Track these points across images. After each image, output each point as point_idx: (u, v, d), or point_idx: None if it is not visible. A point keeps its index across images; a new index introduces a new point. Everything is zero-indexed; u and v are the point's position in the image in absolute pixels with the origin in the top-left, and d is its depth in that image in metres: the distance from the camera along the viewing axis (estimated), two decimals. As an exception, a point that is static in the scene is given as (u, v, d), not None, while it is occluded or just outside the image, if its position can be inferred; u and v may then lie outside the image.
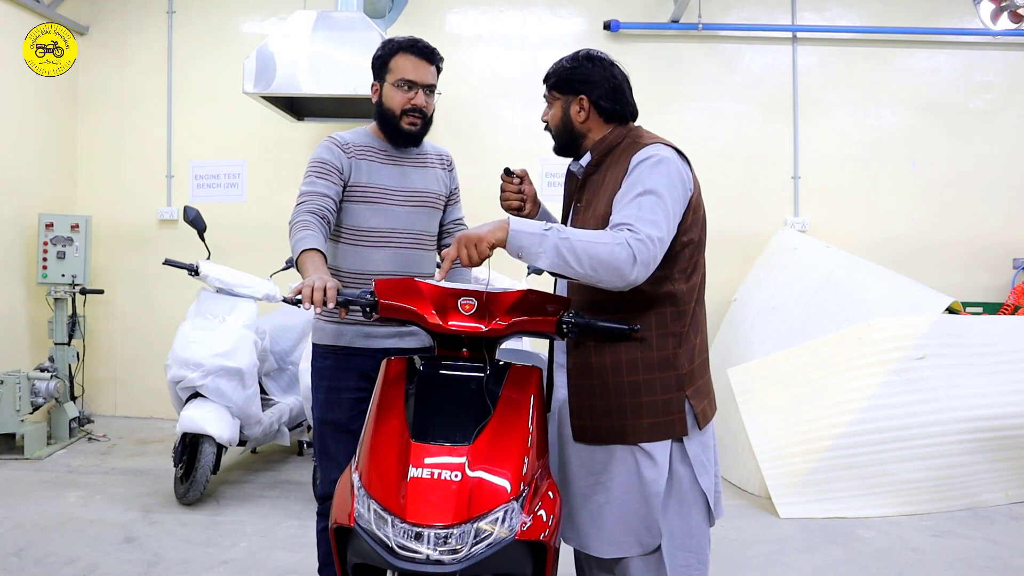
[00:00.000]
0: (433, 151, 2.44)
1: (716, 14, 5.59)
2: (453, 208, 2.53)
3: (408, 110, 2.24)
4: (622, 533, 1.86)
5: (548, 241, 1.68)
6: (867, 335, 3.95)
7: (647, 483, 1.83)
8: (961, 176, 5.57)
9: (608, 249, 1.66)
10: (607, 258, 1.66)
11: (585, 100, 1.94)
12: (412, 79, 2.23)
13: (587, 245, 1.67)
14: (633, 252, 1.66)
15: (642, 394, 1.83)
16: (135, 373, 5.77)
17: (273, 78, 4.52)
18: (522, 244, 1.70)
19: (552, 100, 2.00)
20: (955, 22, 5.58)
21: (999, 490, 3.88)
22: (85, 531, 3.43)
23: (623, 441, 1.84)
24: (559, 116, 1.99)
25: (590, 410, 1.88)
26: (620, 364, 1.85)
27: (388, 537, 1.51)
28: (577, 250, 1.67)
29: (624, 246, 1.66)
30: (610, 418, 1.85)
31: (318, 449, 2.33)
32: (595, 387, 1.87)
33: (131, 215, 5.79)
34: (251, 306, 4.02)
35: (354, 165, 2.26)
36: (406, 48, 2.24)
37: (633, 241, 1.67)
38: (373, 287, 1.82)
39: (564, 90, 1.97)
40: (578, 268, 1.67)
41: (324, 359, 2.31)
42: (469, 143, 5.53)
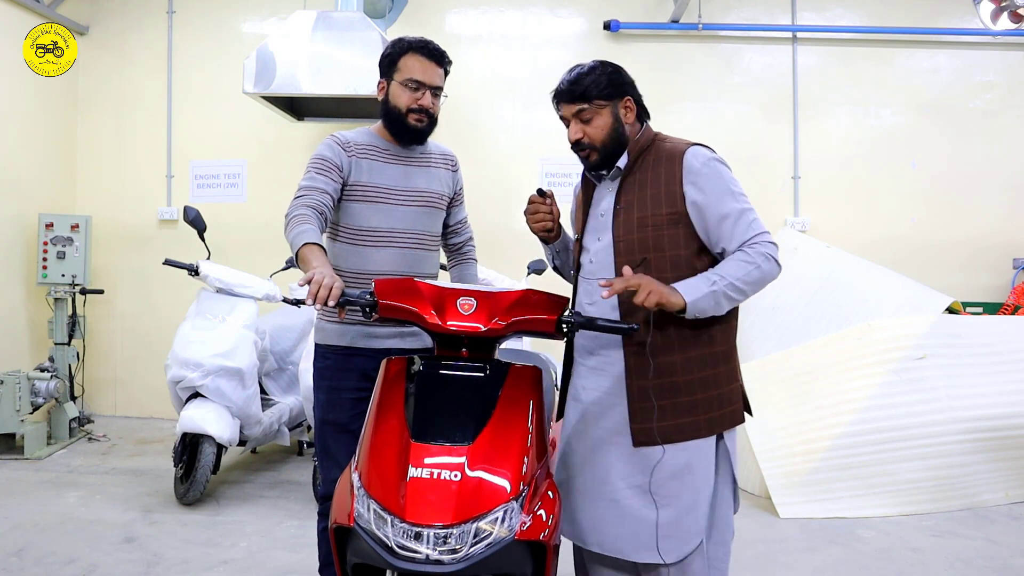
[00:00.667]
0: (438, 151, 2.43)
1: (716, 14, 5.60)
2: (458, 209, 2.52)
3: (414, 109, 2.24)
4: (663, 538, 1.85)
5: (719, 294, 1.82)
6: (867, 335, 3.95)
7: (698, 480, 1.86)
8: (961, 176, 5.57)
9: (760, 272, 1.85)
10: (762, 277, 1.86)
11: (630, 100, 1.98)
12: (420, 80, 2.22)
13: (745, 277, 1.84)
14: (775, 259, 1.87)
15: (710, 388, 1.89)
16: (135, 373, 5.77)
17: (273, 78, 4.52)
18: (701, 308, 1.82)
19: (597, 111, 1.94)
20: (955, 22, 5.58)
21: (999, 490, 3.88)
22: (85, 531, 3.43)
23: (692, 436, 1.87)
24: (610, 123, 1.95)
25: (660, 412, 1.86)
26: (691, 361, 1.88)
27: (388, 537, 1.51)
28: (741, 287, 1.84)
29: (768, 260, 1.86)
30: (679, 416, 1.86)
31: (319, 449, 2.33)
32: (663, 387, 1.87)
33: (131, 215, 5.79)
34: (251, 306, 4.02)
35: (355, 164, 2.25)
36: (416, 48, 2.23)
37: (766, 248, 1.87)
38: (373, 287, 1.82)
39: (611, 95, 1.95)
40: (747, 295, 1.87)
41: (325, 359, 2.30)
42: (469, 143, 5.53)
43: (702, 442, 1.88)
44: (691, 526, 1.86)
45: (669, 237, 1.88)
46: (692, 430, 1.87)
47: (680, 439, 1.86)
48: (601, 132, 1.95)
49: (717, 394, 1.89)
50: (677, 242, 1.89)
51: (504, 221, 5.65)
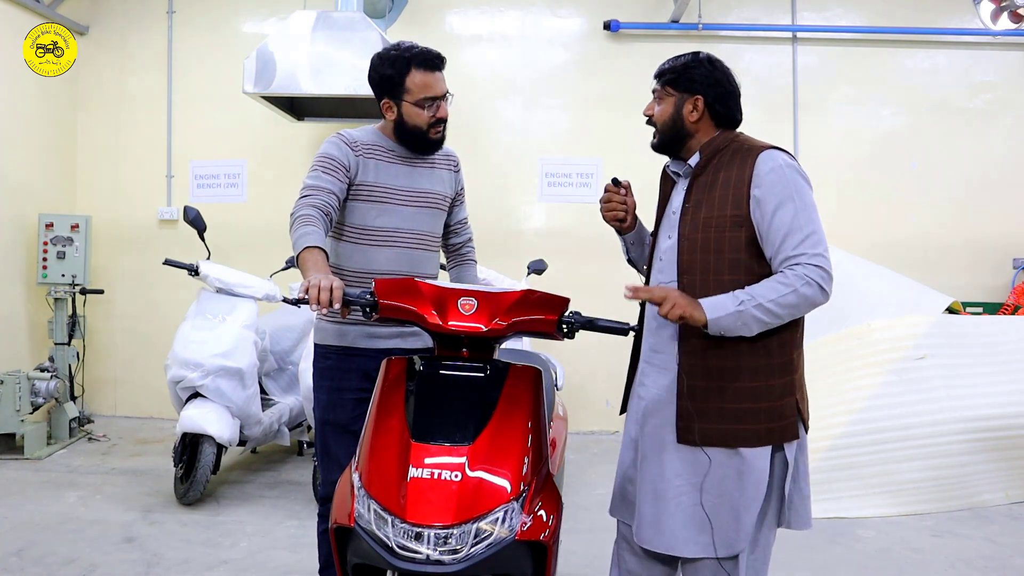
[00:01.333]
0: (441, 152, 2.43)
1: (716, 14, 5.60)
2: (459, 209, 2.53)
3: (434, 124, 2.25)
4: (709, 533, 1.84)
5: (746, 315, 1.77)
6: (867, 335, 3.95)
7: (748, 486, 1.83)
8: (961, 176, 5.57)
9: (797, 296, 1.77)
10: (800, 302, 1.78)
11: (700, 101, 1.95)
12: (434, 95, 2.22)
13: (778, 299, 1.77)
14: (818, 284, 1.78)
15: (761, 399, 1.84)
16: (135, 373, 5.77)
17: (273, 78, 4.52)
18: (724, 326, 1.78)
19: (664, 96, 1.97)
20: (955, 22, 5.58)
21: (999, 490, 3.88)
22: (85, 531, 3.43)
23: (736, 444, 1.83)
24: (669, 112, 1.96)
25: (703, 412, 1.85)
26: (741, 369, 1.84)
27: (388, 537, 1.51)
28: (773, 310, 1.77)
29: (808, 283, 1.77)
30: (725, 421, 1.84)
31: (320, 450, 2.32)
32: (711, 390, 1.85)
33: (131, 215, 5.79)
34: (251, 306, 4.02)
35: (362, 163, 2.24)
36: (418, 63, 2.20)
37: (813, 272, 1.77)
38: (373, 287, 1.82)
39: (680, 87, 1.95)
40: (781, 318, 1.80)
41: (326, 359, 2.29)
42: (469, 143, 5.52)
43: (755, 452, 1.84)
44: (739, 528, 1.84)
45: (730, 239, 1.86)
46: (735, 438, 1.83)
47: (722, 444, 1.84)
48: (661, 117, 1.98)
49: (768, 407, 1.84)
50: (738, 245, 1.85)
51: (504, 221, 5.65)
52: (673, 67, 1.97)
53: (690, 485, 1.86)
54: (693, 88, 1.94)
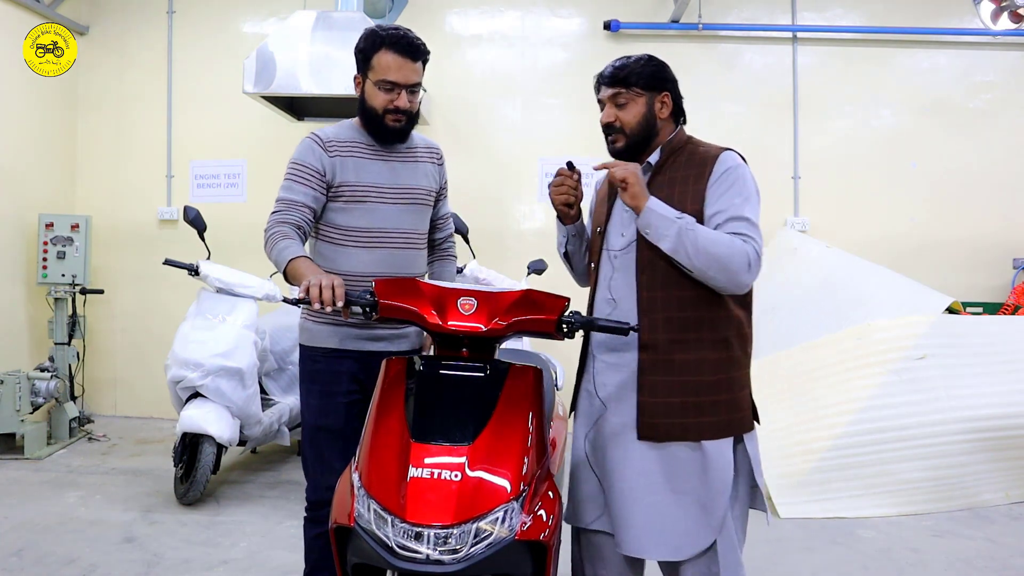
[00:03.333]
0: (423, 144, 2.34)
1: (716, 14, 5.59)
2: (442, 204, 2.44)
3: (390, 110, 2.15)
4: (681, 534, 1.85)
5: (675, 227, 1.80)
6: (867, 335, 3.95)
7: (714, 480, 1.85)
8: (961, 176, 5.57)
9: (728, 252, 1.80)
10: (726, 260, 1.79)
11: (668, 96, 1.99)
12: (395, 80, 2.12)
13: (710, 243, 1.79)
14: (750, 260, 1.82)
15: (722, 392, 1.89)
16: (135, 373, 5.77)
17: (273, 78, 4.52)
18: (651, 222, 1.83)
19: (632, 97, 1.97)
20: (955, 22, 5.58)
21: (999, 490, 3.88)
22: (85, 531, 3.43)
23: (699, 437, 1.86)
24: (643, 112, 1.97)
25: (665, 407, 1.87)
26: (706, 362, 1.88)
27: (388, 537, 1.51)
28: (700, 245, 1.79)
29: (744, 254, 1.81)
30: (688, 415, 1.86)
31: (311, 455, 2.24)
32: (672, 384, 1.87)
33: (131, 215, 5.79)
34: (251, 306, 4.02)
35: (339, 164, 2.17)
36: (389, 44, 2.11)
37: (751, 251, 1.82)
38: (373, 287, 1.82)
39: (649, 86, 1.97)
40: (695, 260, 1.80)
41: (315, 362, 2.24)
42: (469, 143, 5.53)
43: (718, 445, 1.87)
44: (705, 526, 1.85)
45: None
46: (697, 431, 1.86)
47: (683, 438, 1.86)
48: (633, 119, 1.97)
49: (729, 399, 1.90)
50: None
51: (504, 221, 5.65)
52: (632, 69, 1.97)
53: (654, 484, 1.87)
54: (662, 85, 1.98)
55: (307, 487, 2.28)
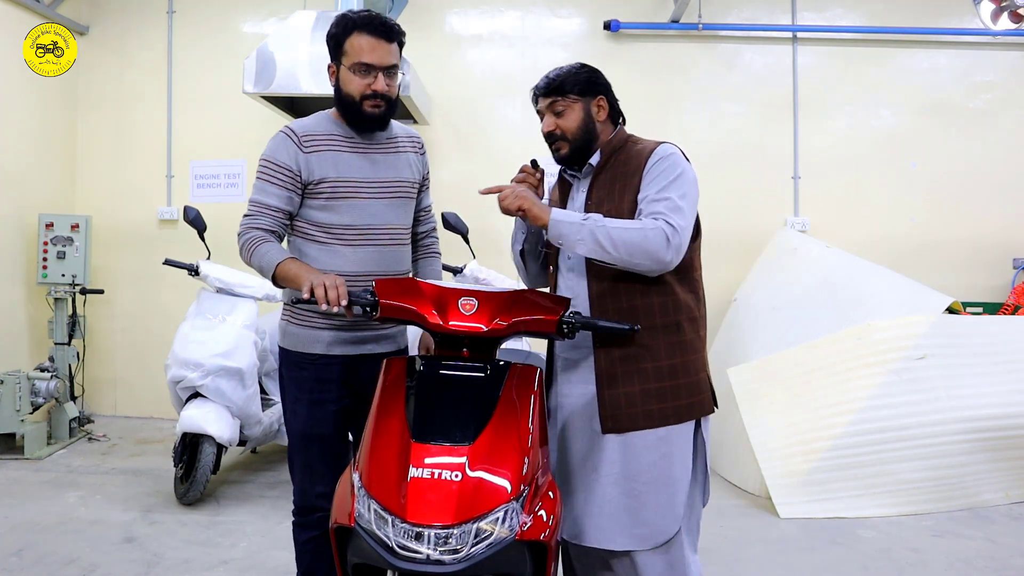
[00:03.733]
0: (403, 133, 2.26)
1: (716, 14, 5.59)
2: (424, 195, 2.35)
3: (368, 96, 2.05)
4: (641, 524, 1.88)
5: (585, 229, 1.82)
6: (867, 335, 3.95)
7: (676, 467, 1.89)
8: (961, 176, 5.57)
9: (642, 234, 1.81)
10: (642, 242, 1.80)
11: (603, 100, 2.04)
12: (369, 62, 2.02)
13: (622, 232, 1.81)
14: (667, 235, 1.81)
15: (679, 376, 1.92)
16: (135, 373, 5.77)
17: (273, 78, 4.52)
18: (562, 232, 1.85)
19: (569, 104, 2.01)
20: (955, 22, 5.58)
21: (999, 490, 3.88)
22: (85, 531, 3.43)
23: (662, 423, 1.89)
24: (581, 118, 2.01)
25: (627, 398, 1.90)
26: (658, 347, 1.91)
27: (388, 537, 1.51)
28: (613, 236, 1.81)
29: (658, 231, 1.81)
30: (648, 402, 1.89)
31: (299, 462, 2.18)
32: (630, 373, 1.90)
33: (131, 215, 5.79)
34: (251, 306, 4.02)
35: (315, 160, 2.08)
36: (361, 26, 2.02)
37: (666, 226, 1.82)
38: (372, 287, 1.82)
39: (584, 92, 2.01)
40: (614, 253, 1.82)
41: (301, 369, 2.15)
42: (469, 143, 5.53)
43: (681, 431, 1.91)
44: (669, 513, 1.88)
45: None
46: (660, 417, 1.89)
47: (648, 426, 1.89)
48: (572, 125, 2.01)
49: (685, 383, 1.92)
50: None
51: (504, 221, 5.62)
52: (568, 77, 2.01)
53: (614, 475, 1.90)
54: (596, 90, 2.03)
55: (294, 492, 2.23)
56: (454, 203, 4.34)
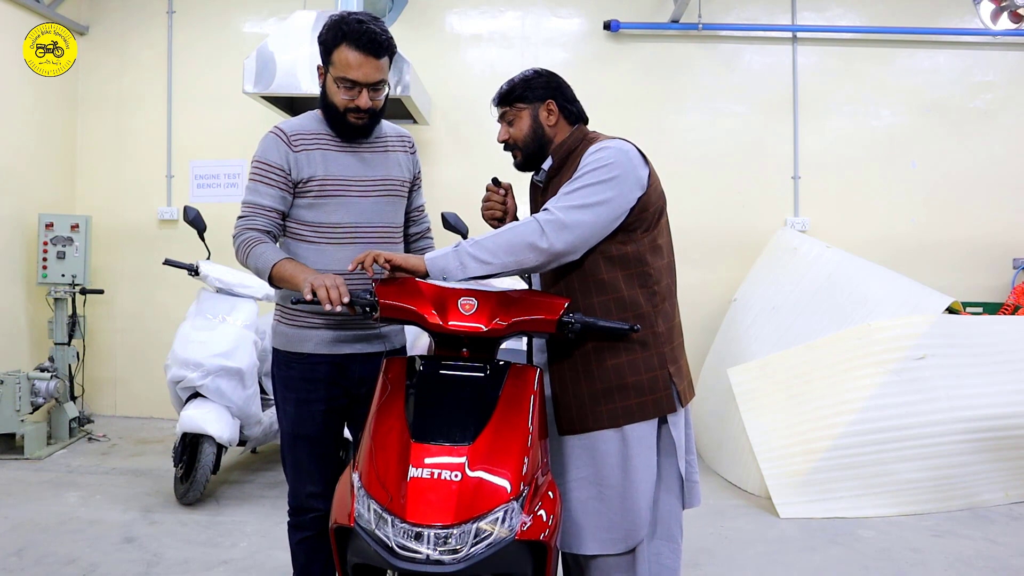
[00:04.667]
0: (393, 133, 2.25)
1: (716, 14, 5.59)
2: (416, 194, 2.34)
3: (351, 109, 2.05)
4: (606, 528, 1.87)
5: (461, 254, 1.82)
6: (867, 335, 3.95)
7: (637, 469, 1.86)
8: (961, 176, 5.57)
9: (513, 232, 1.83)
10: (515, 239, 1.82)
11: (553, 104, 2.04)
12: (355, 79, 2.01)
13: (495, 239, 1.83)
14: (539, 224, 1.82)
15: (627, 375, 1.89)
16: (135, 373, 5.77)
17: (273, 78, 4.52)
18: (442, 267, 1.83)
19: (517, 113, 2.05)
20: (955, 22, 5.58)
21: (999, 490, 3.88)
22: (85, 531, 3.43)
23: (613, 424, 1.87)
24: (529, 125, 2.03)
25: (575, 399, 1.91)
26: (603, 348, 1.90)
27: (388, 537, 1.51)
28: (488, 247, 1.82)
29: (529, 223, 1.83)
30: (597, 403, 1.88)
31: (290, 463, 2.19)
32: (577, 375, 1.91)
33: (131, 215, 5.79)
34: (251, 306, 4.02)
35: (305, 159, 2.07)
36: (351, 39, 1.98)
37: (539, 216, 1.83)
38: (372, 287, 1.82)
39: (530, 99, 2.04)
40: (496, 261, 1.82)
41: (289, 367, 2.15)
42: (469, 143, 5.53)
43: (639, 430, 1.88)
44: (634, 517, 1.87)
45: None
46: (610, 418, 1.88)
47: (598, 427, 1.88)
48: (520, 133, 2.05)
49: (633, 381, 1.89)
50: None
51: (504, 221, 5.65)
52: (514, 86, 2.05)
53: (583, 479, 1.90)
54: (542, 95, 2.03)
55: (288, 493, 2.24)
56: (453, 203, 4.34)
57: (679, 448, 1.94)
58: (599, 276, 1.90)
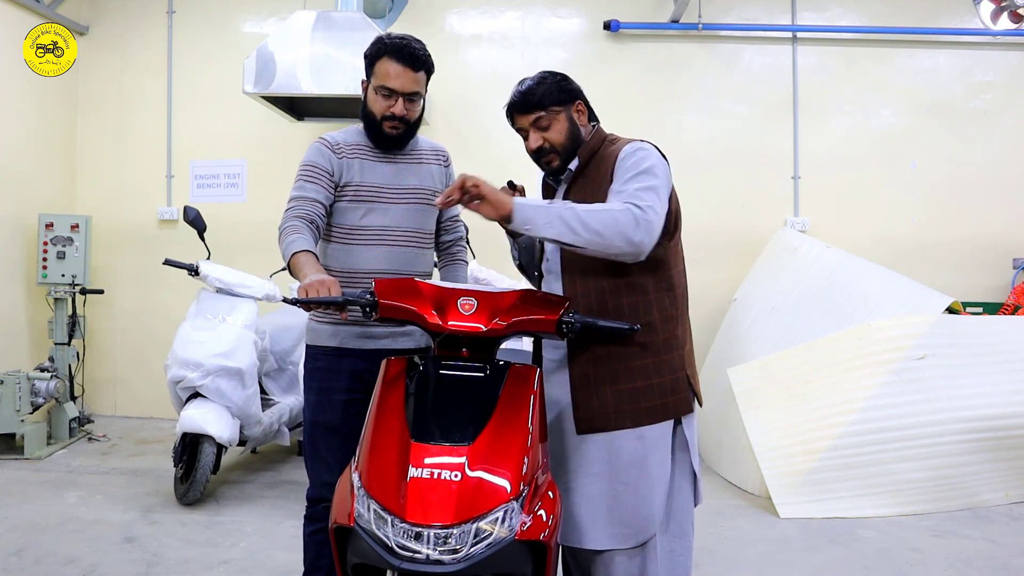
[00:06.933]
0: (429, 147, 2.41)
1: (716, 14, 5.60)
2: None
3: (387, 117, 2.21)
4: (618, 524, 1.88)
5: (553, 211, 1.79)
6: (867, 335, 3.95)
7: (653, 467, 1.88)
8: (961, 176, 5.57)
9: (611, 215, 1.78)
10: (611, 221, 1.77)
11: (580, 104, 2.05)
12: (392, 87, 2.18)
13: (590, 212, 1.79)
14: (635, 216, 1.78)
15: (652, 376, 1.91)
16: (135, 373, 5.77)
17: (273, 78, 4.52)
18: (528, 216, 1.79)
19: (553, 117, 2.01)
20: (955, 22, 5.59)
21: (999, 490, 3.88)
22: (85, 531, 3.43)
23: (636, 424, 1.89)
24: (567, 127, 2.01)
25: (599, 399, 1.91)
26: (633, 348, 1.91)
27: (388, 537, 1.51)
28: (582, 217, 1.77)
29: (626, 211, 1.78)
30: (621, 404, 1.89)
31: (308, 451, 2.29)
32: (603, 375, 1.91)
33: (131, 215, 5.80)
34: (251, 306, 4.02)
35: (346, 165, 2.24)
36: (392, 52, 2.18)
37: (633, 207, 1.79)
38: (373, 287, 1.82)
39: (563, 101, 2.02)
40: (584, 234, 1.77)
41: (316, 360, 2.28)
42: (470, 143, 5.53)
43: (658, 430, 1.90)
44: (647, 514, 1.88)
45: None
46: (634, 418, 1.90)
47: (620, 427, 1.89)
48: (560, 136, 2.02)
49: (659, 382, 1.91)
50: None
51: (504, 221, 5.65)
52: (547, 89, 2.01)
53: (596, 475, 1.91)
54: (570, 97, 2.03)
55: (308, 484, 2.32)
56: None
57: (692, 446, 1.97)
58: (632, 278, 1.92)
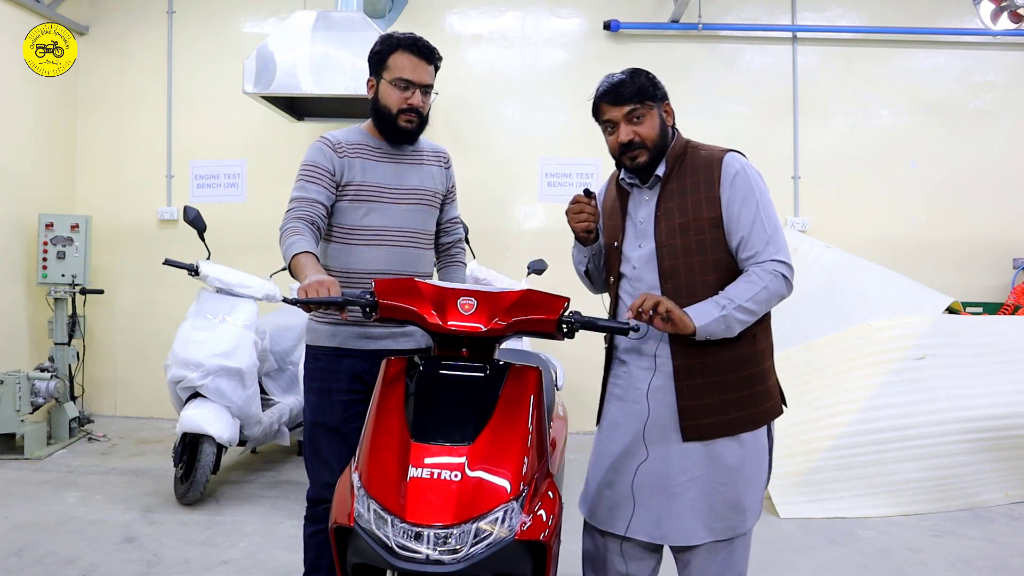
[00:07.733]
0: (430, 149, 2.40)
1: (716, 14, 5.60)
2: (450, 207, 2.49)
3: (404, 109, 2.21)
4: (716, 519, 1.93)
5: (730, 318, 1.86)
6: (867, 335, 3.95)
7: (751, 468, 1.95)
8: (961, 176, 5.58)
9: (768, 292, 1.89)
10: (770, 296, 1.90)
11: (669, 105, 2.06)
12: (410, 79, 2.20)
13: (754, 298, 1.88)
14: (785, 276, 1.91)
15: (756, 384, 1.96)
16: (135, 373, 5.77)
17: (273, 78, 4.52)
18: (710, 331, 1.86)
19: (647, 111, 1.98)
20: (955, 22, 5.59)
21: (999, 490, 3.88)
22: (85, 531, 3.43)
23: (739, 431, 1.93)
24: (658, 124, 1.99)
25: (706, 408, 1.92)
26: (739, 359, 1.94)
27: (388, 537, 1.51)
28: (751, 309, 1.88)
29: (777, 278, 1.89)
30: (727, 412, 1.93)
31: (309, 452, 2.28)
32: (710, 385, 1.92)
33: (131, 215, 5.80)
34: (251, 306, 4.02)
35: (347, 164, 2.23)
36: (405, 46, 2.20)
37: (780, 269, 1.90)
38: (373, 287, 1.82)
39: (656, 97, 2.01)
40: (756, 317, 1.91)
41: (316, 360, 2.28)
42: (469, 143, 5.54)
43: (756, 435, 1.96)
44: (747, 511, 1.96)
45: (712, 241, 1.93)
46: (739, 425, 1.93)
47: (726, 434, 1.92)
48: (653, 131, 1.98)
49: (762, 389, 1.97)
50: (720, 245, 1.93)
51: (504, 221, 5.65)
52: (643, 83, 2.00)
53: (697, 479, 1.93)
54: (662, 95, 2.04)
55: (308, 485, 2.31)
56: (454, 203, 4.33)
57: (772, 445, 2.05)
58: (708, 278, 1.93)
